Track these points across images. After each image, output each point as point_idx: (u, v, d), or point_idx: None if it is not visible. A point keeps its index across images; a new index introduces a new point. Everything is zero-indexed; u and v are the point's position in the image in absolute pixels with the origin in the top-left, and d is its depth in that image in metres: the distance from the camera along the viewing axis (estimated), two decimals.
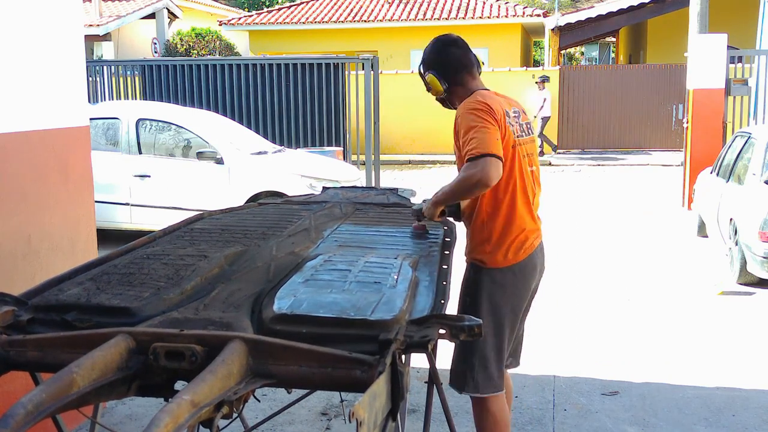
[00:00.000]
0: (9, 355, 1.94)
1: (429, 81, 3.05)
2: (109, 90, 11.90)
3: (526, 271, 2.99)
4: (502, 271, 2.94)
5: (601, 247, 8.38)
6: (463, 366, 2.95)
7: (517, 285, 2.97)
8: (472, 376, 2.93)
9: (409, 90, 17.82)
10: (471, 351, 2.92)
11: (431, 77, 3.03)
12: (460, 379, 2.96)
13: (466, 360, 2.94)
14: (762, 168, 6.79)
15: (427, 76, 3.05)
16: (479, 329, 1.97)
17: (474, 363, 2.92)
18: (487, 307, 2.92)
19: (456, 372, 2.98)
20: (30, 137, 3.54)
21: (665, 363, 4.78)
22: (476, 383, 2.93)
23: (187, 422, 1.55)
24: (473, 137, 2.74)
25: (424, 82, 3.10)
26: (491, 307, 2.92)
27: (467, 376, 2.94)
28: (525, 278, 2.99)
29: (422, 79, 3.11)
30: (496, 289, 2.93)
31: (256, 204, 3.75)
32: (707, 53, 10.42)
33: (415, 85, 19.31)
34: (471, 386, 2.94)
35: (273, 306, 2.07)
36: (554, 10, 24.48)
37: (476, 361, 2.92)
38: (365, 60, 11.10)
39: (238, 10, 29.14)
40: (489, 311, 2.92)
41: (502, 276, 2.94)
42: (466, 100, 2.91)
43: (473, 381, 2.93)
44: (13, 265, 3.40)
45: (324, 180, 8.08)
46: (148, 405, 4.00)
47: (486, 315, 2.90)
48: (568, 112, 18.95)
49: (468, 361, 2.93)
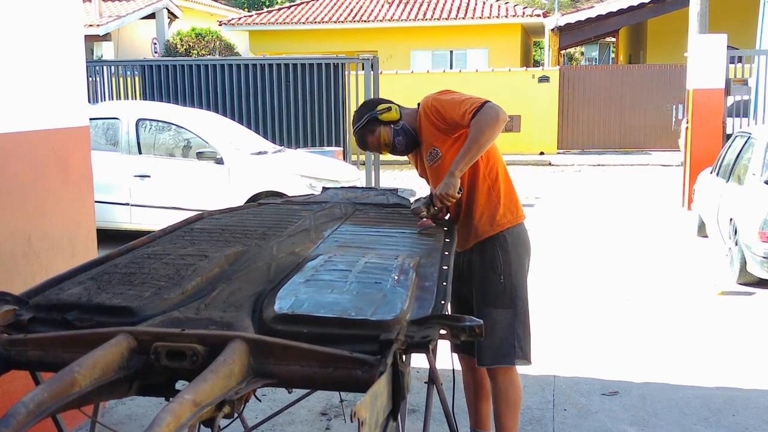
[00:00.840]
0: (10, 354, 1.94)
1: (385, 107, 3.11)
2: (109, 90, 11.90)
3: (527, 234, 3.20)
4: (518, 230, 3.12)
5: (600, 246, 8.38)
6: (509, 339, 3.05)
7: (528, 244, 3.17)
8: (520, 346, 3.07)
9: (409, 90, 17.82)
10: (514, 323, 3.06)
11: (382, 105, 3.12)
12: (508, 352, 3.06)
13: (511, 333, 3.05)
14: (762, 168, 6.80)
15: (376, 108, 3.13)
16: (480, 329, 1.97)
17: (520, 333, 3.07)
18: (519, 277, 3.09)
19: (501, 347, 3.06)
20: (30, 137, 3.54)
21: (665, 363, 4.78)
22: (525, 351, 3.09)
23: (188, 422, 1.55)
24: (463, 99, 2.92)
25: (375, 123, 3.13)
26: (522, 276, 3.10)
27: (516, 347, 3.06)
28: (529, 240, 3.20)
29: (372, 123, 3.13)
30: (519, 253, 3.10)
31: (256, 204, 3.74)
32: (707, 53, 10.42)
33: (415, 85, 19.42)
34: (521, 355, 3.08)
35: (274, 306, 2.07)
36: (554, 10, 24.49)
37: (521, 331, 3.07)
38: (365, 60, 11.10)
39: (238, 10, 29.14)
40: (521, 281, 3.09)
41: (519, 235, 3.12)
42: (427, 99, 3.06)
43: (522, 350, 3.08)
44: (13, 264, 3.40)
45: (324, 180, 8.08)
46: (149, 405, 4.00)
47: (520, 285, 3.07)
48: (568, 112, 18.96)
49: (514, 333, 3.06)
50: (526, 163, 17.05)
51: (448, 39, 21.98)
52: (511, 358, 3.07)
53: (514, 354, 3.07)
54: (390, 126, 3.12)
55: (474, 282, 3.15)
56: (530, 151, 18.60)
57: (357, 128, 3.16)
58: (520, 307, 3.08)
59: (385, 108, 3.10)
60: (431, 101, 3.03)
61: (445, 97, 3.00)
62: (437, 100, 3.00)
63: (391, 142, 3.13)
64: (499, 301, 3.07)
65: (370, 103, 3.19)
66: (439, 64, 21.86)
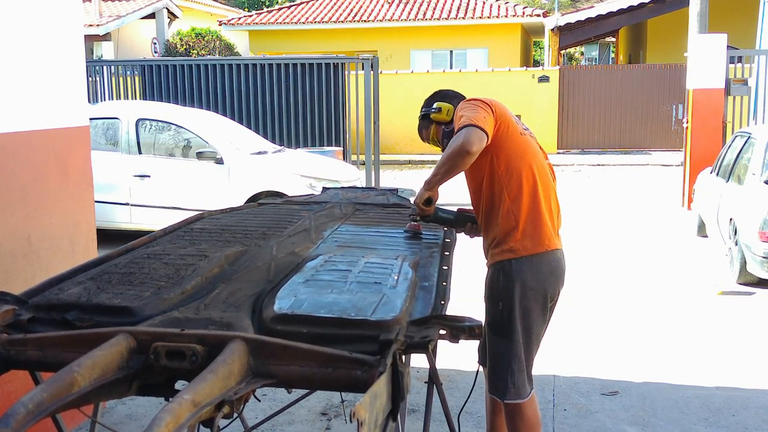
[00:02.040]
0: (9, 354, 1.94)
1: (439, 107, 3.06)
2: (109, 90, 11.90)
3: (554, 265, 2.91)
4: (534, 259, 2.83)
5: (600, 246, 8.38)
6: (503, 372, 2.86)
7: (547, 277, 2.87)
8: (513, 382, 2.85)
9: (409, 90, 17.83)
10: (510, 354, 2.84)
11: (440, 104, 3.06)
12: (500, 386, 2.88)
13: (505, 367, 2.85)
14: (762, 168, 6.79)
15: (434, 104, 3.08)
16: (479, 330, 1.97)
17: (514, 368, 2.84)
18: (519, 310, 2.82)
19: (498, 379, 2.89)
20: (30, 137, 3.54)
21: (665, 363, 4.78)
22: (517, 389, 2.86)
23: (188, 422, 1.55)
24: (463, 116, 2.80)
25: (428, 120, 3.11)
26: (523, 309, 2.83)
27: (508, 382, 2.85)
28: (554, 273, 2.90)
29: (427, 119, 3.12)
30: (528, 291, 2.82)
31: (256, 204, 3.75)
32: (707, 53, 10.42)
33: (415, 85, 19.39)
34: (512, 393, 2.86)
35: (274, 306, 2.07)
36: (554, 10, 24.49)
37: (515, 366, 2.84)
38: (365, 60, 11.10)
39: (238, 10, 29.14)
40: (521, 314, 2.83)
41: (534, 264, 2.83)
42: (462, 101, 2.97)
43: (514, 387, 2.85)
44: (13, 264, 3.40)
45: (324, 180, 8.08)
46: (148, 405, 4.00)
47: (519, 318, 2.82)
48: (568, 112, 18.96)
49: (508, 367, 2.84)
50: None
51: (448, 39, 21.97)
52: (502, 394, 2.88)
53: (506, 389, 2.86)
54: (441, 127, 3.07)
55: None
56: None
57: (419, 117, 3.15)
58: (517, 340, 2.83)
59: (437, 108, 3.04)
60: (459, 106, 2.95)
61: (464, 107, 2.88)
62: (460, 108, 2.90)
63: (440, 142, 3.11)
64: (495, 328, 2.87)
65: (435, 96, 3.13)
66: (439, 64, 21.86)
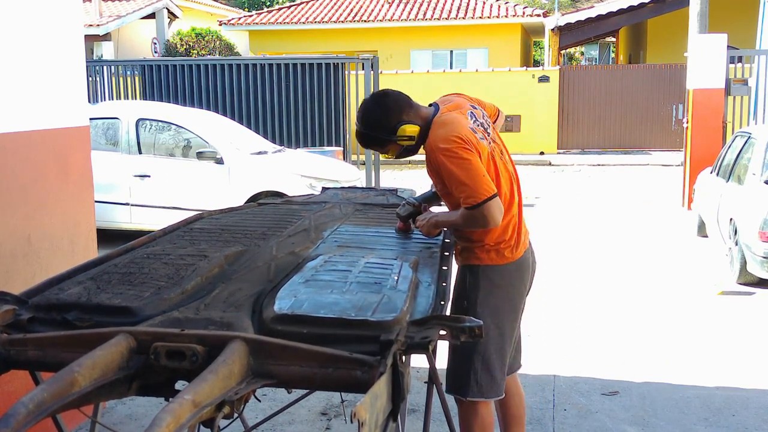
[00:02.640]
0: (9, 354, 1.94)
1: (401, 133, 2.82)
2: (109, 90, 11.90)
3: (523, 269, 2.96)
4: (501, 269, 2.89)
5: (600, 246, 8.38)
6: (465, 370, 2.87)
7: (516, 283, 2.93)
8: (476, 380, 2.86)
9: (409, 90, 17.62)
10: (473, 354, 2.86)
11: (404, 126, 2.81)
12: (463, 383, 2.88)
13: (467, 364, 2.87)
14: (762, 168, 6.79)
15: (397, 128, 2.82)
16: (480, 330, 1.97)
17: (477, 367, 2.86)
18: (487, 309, 2.86)
19: (457, 376, 2.90)
20: (30, 137, 3.54)
21: (665, 363, 4.78)
22: (480, 387, 2.87)
23: (188, 422, 1.55)
24: (464, 183, 2.67)
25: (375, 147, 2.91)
26: (492, 309, 2.87)
27: (471, 380, 2.86)
28: (522, 276, 2.96)
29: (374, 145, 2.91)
30: (495, 289, 2.88)
31: (255, 204, 3.74)
32: (707, 53, 10.42)
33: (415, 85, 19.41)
34: (475, 390, 2.87)
35: (274, 306, 2.07)
36: (554, 10, 24.49)
37: (479, 365, 2.86)
38: (365, 60, 11.10)
39: (238, 10, 29.13)
40: (489, 313, 2.86)
41: (501, 274, 2.89)
42: (436, 136, 2.77)
43: (477, 385, 2.86)
44: (13, 264, 3.40)
45: (324, 180, 8.08)
46: (148, 405, 4.00)
47: (486, 317, 2.83)
48: (568, 112, 18.96)
49: (470, 365, 2.86)
50: (526, 163, 17.04)
51: (448, 39, 21.97)
52: (464, 391, 2.87)
53: (467, 387, 2.85)
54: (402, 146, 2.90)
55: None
56: (530, 150, 18.59)
57: (366, 133, 2.88)
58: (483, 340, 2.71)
59: (406, 137, 2.83)
60: (438, 152, 2.74)
61: (449, 161, 2.70)
62: (442, 159, 2.72)
63: (395, 155, 2.95)
64: None
65: (389, 117, 2.83)
66: (439, 64, 21.86)
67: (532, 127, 18.77)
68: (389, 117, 2.83)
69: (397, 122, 2.82)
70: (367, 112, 2.88)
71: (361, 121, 2.88)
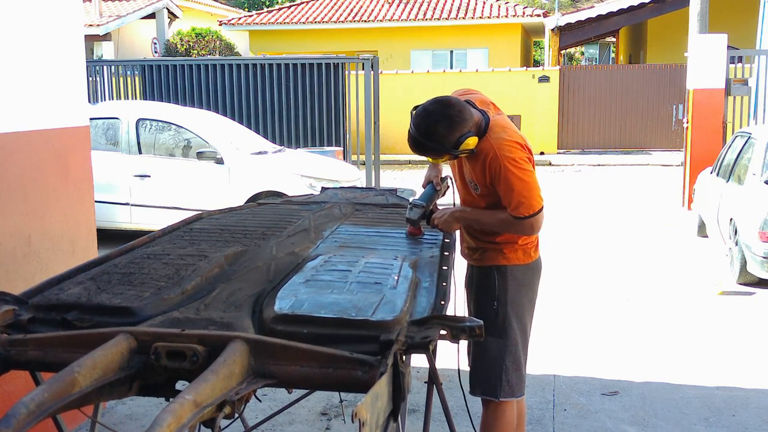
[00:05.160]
0: (10, 354, 1.94)
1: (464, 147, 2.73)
2: (109, 90, 11.90)
3: (541, 268, 3.07)
4: (526, 269, 2.96)
5: (601, 246, 8.38)
6: (496, 370, 2.90)
7: (536, 282, 3.03)
8: (507, 379, 2.90)
9: (409, 90, 17.82)
10: (504, 354, 2.90)
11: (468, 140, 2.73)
12: (494, 384, 2.91)
13: (498, 364, 2.90)
14: (762, 168, 6.79)
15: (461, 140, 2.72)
16: (480, 330, 1.97)
17: (509, 366, 2.90)
18: (518, 309, 2.93)
19: (487, 377, 2.92)
20: (30, 137, 3.54)
21: (665, 363, 4.78)
22: (511, 386, 2.91)
23: (189, 422, 1.55)
24: (520, 193, 2.69)
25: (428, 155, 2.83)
26: (520, 308, 2.94)
27: (502, 380, 2.90)
28: (540, 274, 3.07)
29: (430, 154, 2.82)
30: (522, 288, 2.95)
31: (255, 204, 3.75)
32: (707, 53, 10.42)
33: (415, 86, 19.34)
34: (507, 390, 2.91)
35: (274, 306, 2.07)
36: (554, 10, 24.48)
37: (510, 364, 2.91)
38: (365, 60, 11.10)
39: (238, 10, 29.13)
40: (519, 312, 2.93)
41: (526, 273, 2.96)
42: (500, 143, 2.74)
43: (508, 385, 2.91)
44: (13, 264, 3.40)
45: (324, 180, 8.08)
46: (149, 405, 4.00)
47: (516, 316, 2.92)
48: (568, 112, 18.95)
49: (502, 365, 2.90)
50: None
51: (448, 39, 21.97)
52: (496, 392, 2.91)
53: (500, 388, 2.90)
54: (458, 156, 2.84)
55: (471, 299, 3.06)
56: None
57: (425, 144, 2.76)
58: (513, 338, 2.90)
59: (468, 150, 2.75)
60: (503, 162, 2.70)
61: (512, 172, 2.69)
62: (508, 169, 2.70)
63: (445, 161, 2.93)
64: (489, 328, 2.74)
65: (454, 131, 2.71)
66: (439, 64, 21.86)
67: (532, 127, 18.76)
68: (455, 131, 2.72)
69: (461, 135, 2.72)
70: (432, 124, 2.72)
71: (425, 132, 2.73)
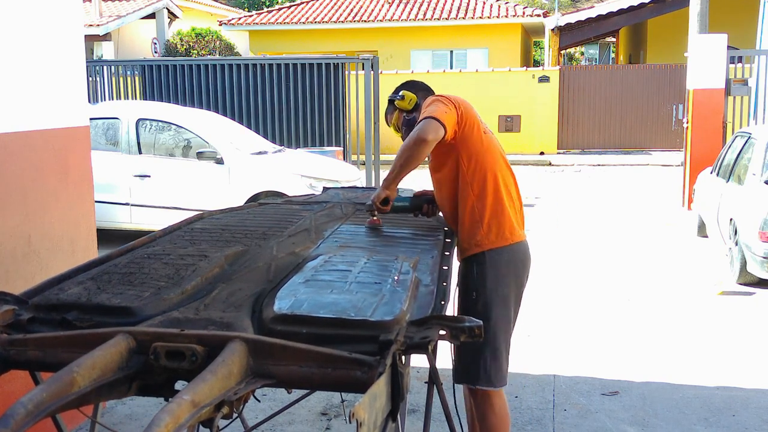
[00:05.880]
0: (9, 354, 1.93)
1: (403, 95, 3.13)
2: (109, 90, 11.90)
3: (525, 255, 3.02)
4: (504, 252, 2.94)
5: (601, 246, 8.38)
6: (474, 359, 2.93)
7: (519, 270, 2.98)
8: (485, 369, 2.92)
9: None
10: (483, 343, 2.87)
11: (405, 92, 3.13)
12: (472, 372, 2.94)
13: (477, 352, 2.92)
14: (762, 168, 6.79)
15: (401, 92, 3.15)
16: (480, 330, 1.97)
17: (486, 355, 2.92)
18: (497, 299, 2.92)
19: (465, 365, 2.96)
20: (30, 137, 3.54)
21: (665, 363, 4.78)
22: (488, 376, 2.93)
23: (187, 422, 1.54)
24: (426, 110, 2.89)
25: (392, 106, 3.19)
26: (501, 298, 2.92)
27: (480, 368, 2.92)
28: (524, 262, 3.02)
29: (391, 105, 3.20)
30: (501, 278, 2.92)
31: (256, 204, 3.75)
32: (707, 53, 10.42)
33: None
34: (484, 379, 2.93)
35: (273, 306, 2.07)
36: (554, 10, 24.49)
37: (488, 353, 2.92)
38: (365, 60, 11.10)
39: (238, 10, 29.14)
40: (499, 302, 2.92)
41: (502, 258, 2.93)
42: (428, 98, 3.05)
43: (486, 374, 2.93)
44: (13, 264, 3.40)
45: (324, 180, 8.09)
46: (148, 405, 4.00)
47: (496, 306, 2.91)
48: (568, 112, 18.96)
49: (480, 354, 2.92)
50: (526, 163, 17.05)
51: (448, 39, 21.98)
52: (474, 379, 2.95)
53: (477, 376, 2.93)
54: (402, 114, 3.14)
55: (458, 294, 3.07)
56: (530, 151, 18.60)
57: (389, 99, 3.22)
58: (492, 328, 2.89)
59: (401, 96, 3.12)
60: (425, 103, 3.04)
61: (430, 103, 2.97)
62: (426, 104, 3.00)
63: (399, 128, 3.18)
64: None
65: (404, 85, 3.19)
66: (439, 64, 21.86)
67: (532, 127, 18.77)
68: (403, 85, 3.17)
69: (405, 90, 3.13)
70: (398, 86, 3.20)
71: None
